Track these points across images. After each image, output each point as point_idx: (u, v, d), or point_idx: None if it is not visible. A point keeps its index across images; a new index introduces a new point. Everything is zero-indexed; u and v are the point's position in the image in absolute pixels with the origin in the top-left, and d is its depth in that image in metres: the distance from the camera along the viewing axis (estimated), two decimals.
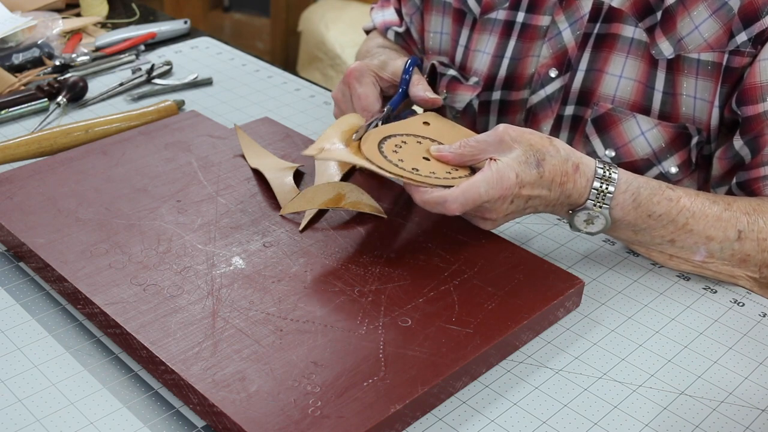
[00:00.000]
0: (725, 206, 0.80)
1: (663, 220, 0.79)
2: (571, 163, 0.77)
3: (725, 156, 0.88)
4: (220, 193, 0.87)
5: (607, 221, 0.79)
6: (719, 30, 0.85)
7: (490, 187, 0.75)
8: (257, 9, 3.24)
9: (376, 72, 0.93)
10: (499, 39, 0.99)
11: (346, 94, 0.94)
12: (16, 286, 0.78)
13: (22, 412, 0.65)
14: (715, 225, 0.79)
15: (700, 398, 0.70)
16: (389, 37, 1.13)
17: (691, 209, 0.79)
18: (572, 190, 0.78)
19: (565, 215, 0.81)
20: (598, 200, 0.78)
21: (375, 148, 0.80)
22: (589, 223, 0.79)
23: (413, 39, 1.11)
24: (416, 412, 0.65)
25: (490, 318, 0.72)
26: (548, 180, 0.77)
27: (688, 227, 0.79)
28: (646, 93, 0.91)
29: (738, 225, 0.79)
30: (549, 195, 0.78)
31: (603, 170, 0.78)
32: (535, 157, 0.76)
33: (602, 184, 0.77)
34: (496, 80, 1.00)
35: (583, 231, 0.80)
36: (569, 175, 0.77)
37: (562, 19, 0.94)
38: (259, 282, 0.75)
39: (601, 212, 0.78)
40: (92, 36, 1.31)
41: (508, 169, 0.75)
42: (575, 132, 0.97)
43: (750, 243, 0.79)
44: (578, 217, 0.79)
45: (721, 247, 0.79)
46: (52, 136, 0.99)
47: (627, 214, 0.78)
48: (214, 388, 0.63)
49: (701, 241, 0.79)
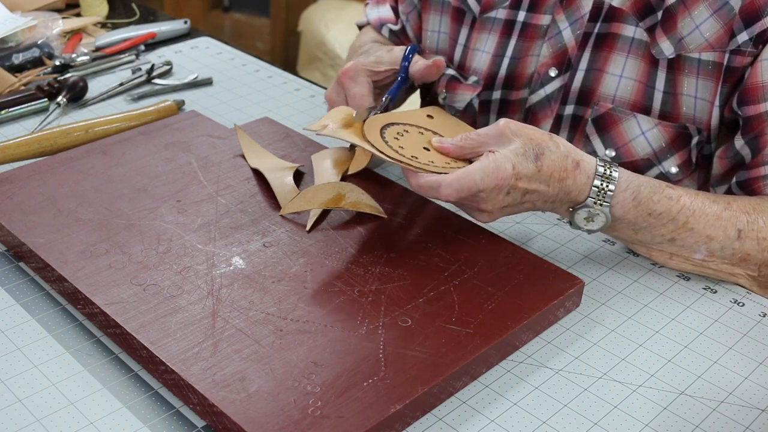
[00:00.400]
0: (725, 205, 0.80)
1: (663, 219, 0.79)
2: (570, 159, 0.77)
3: (726, 155, 0.88)
4: (220, 193, 0.87)
5: (608, 219, 0.79)
6: (720, 30, 0.85)
7: (486, 176, 0.75)
8: (257, 9, 3.24)
9: (371, 69, 0.93)
10: (500, 38, 0.99)
11: (341, 94, 0.94)
12: (16, 286, 0.78)
13: (22, 412, 0.65)
14: (716, 224, 0.79)
15: (700, 398, 0.70)
16: (383, 33, 1.13)
17: (691, 208, 0.79)
18: (572, 186, 0.78)
19: (565, 213, 0.81)
20: (598, 198, 0.78)
21: (377, 133, 0.81)
22: (589, 220, 0.79)
23: (408, 37, 1.11)
24: (416, 412, 0.65)
25: (490, 318, 0.72)
26: (546, 175, 0.77)
27: (689, 226, 0.79)
28: (647, 93, 0.91)
29: (738, 224, 0.79)
30: (547, 190, 0.78)
31: (604, 168, 0.78)
32: (534, 151, 0.76)
33: (603, 182, 0.77)
34: (497, 79, 1.00)
35: (583, 229, 0.80)
36: (569, 171, 0.77)
37: (562, 18, 0.94)
38: (259, 282, 0.75)
39: (601, 210, 0.78)
40: (92, 36, 1.31)
41: (505, 160, 0.75)
42: (575, 132, 0.97)
43: (750, 242, 0.79)
44: (578, 214, 0.79)
45: (721, 246, 0.80)
46: (52, 136, 0.99)
47: (627, 213, 0.78)
48: (214, 388, 0.63)
49: (701, 240, 0.79)
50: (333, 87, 0.95)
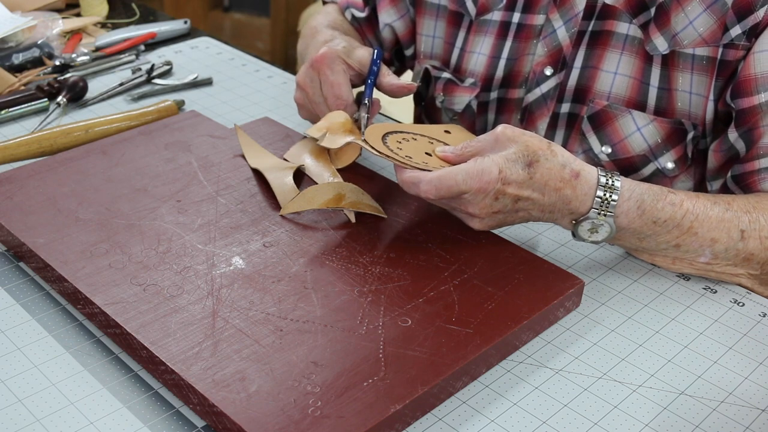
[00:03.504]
0: (726, 206, 0.80)
1: (668, 226, 0.78)
2: (569, 169, 0.76)
3: (720, 149, 0.88)
4: (220, 193, 0.87)
5: (612, 229, 0.78)
6: (713, 24, 0.85)
7: (469, 178, 0.74)
8: (257, 9, 3.24)
9: (345, 59, 0.92)
10: (496, 40, 0.99)
11: (315, 80, 0.92)
12: (16, 286, 0.78)
13: (22, 412, 0.65)
14: (719, 226, 0.79)
15: (700, 398, 0.70)
16: (347, 16, 1.12)
17: (694, 212, 0.78)
18: (572, 197, 0.76)
19: (568, 225, 0.80)
20: (602, 209, 0.76)
21: (379, 138, 0.81)
22: (594, 231, 0.78)
23: (371, 28, 1.11)
24: (416, 412, 0.65)
25: (490, 318, 0.72)
26: (540, 183, 0.76)
27: (693, 230, 0.78)
28: (642, 89, 0.91)
29: (740, 224, 0.79)
30: (542, 199, 0.77)
31: (606, 178, 0.77)
32: (527, 158, 0.75)
33: (606, 193, 0.76)
34: (494, 80, 1.00)
35: (587, 240, 0.79)
36: (566, 181, 0.76)
37: (556, 17, 0.94)
38: (259, 282, 0.75)
39: (605, 221, 0.77)
40: (92, 36, 1.31)
41: (492, 164, 0.75)
42: (571, 129, 0.97)
43: (753, 242, 0.79)
44: (582, 226, 0.78)
45: (725, 248, 0.79)
46: (52, 136, 0.99)
47: (632, 222, 0.77)
48: (214, 388, 0.63)
49: (706, 243, 0.79)
50: (305, 71, 0.93)
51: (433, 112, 1.11)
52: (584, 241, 0.79)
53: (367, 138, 0.81)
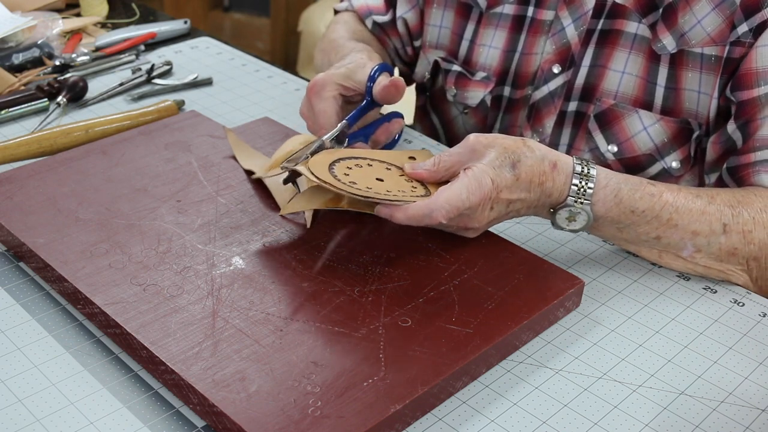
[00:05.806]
0: (709, 200, 0.79)
1: (647, 216, 0.78)
2: (548, 161, 0.76)
3: (718, 141, 0.89)
4: (220, 193, 0.87)
5: (590, 217, 0.78)
6: (722, 24, 0.85)
7: (471, 193, 0.74)
8: (257, 9, 3.24)
9: (341, 83, 0.89)
10: (510, 33, 0.99)
11: (310, 108, 0.90)
12: (16, 286, 0.78)
13: (22, 412, 0.65)
14: (700, 219, 0.78)
15: (700, 398, 0.70)
16: (367, 24, 1.10)
17: (674, 204, 0.78)
18: (552, 189, 0.77)
19: (546, 215, 0.80)
20: (578, 196, 0.77)
21: (326, 165, 0.77)
22: (571, 220, 0.78)
23: (396, 30, 1.09)
24: (416, 412, 0.65)
25: (490, 318, 0.72)
26: (525, 181, 0.76)
27: (672, 222, 0.78)
28: (649, 88, 0.91)
29: (723, 218, 0.79)
30: (529, 197, 0.77)
31: (581, 167, 0.77)
32: (509, 160, 0.75)
33: (582, 180, 0.76)
34: (508, 75, 1.00)
35: (566, 229, 0.79)
36: (547, 174, 0.76)
37: (565, 14, 0.94)
38: (259, 282, 0.75)
39: (582, 208, 0.77)
40: (92, 36, 1.31)
41: (484, 175, 0.74)
42: (578, 128, 0.97)
43: (736, 235, 0.79)
44: (560, 215, 0.78)
45: (707, 242, 0.79)
46: (52, 136, 0.99)
47: (609, 211, 0.78)
48: (214, 388, 0.63)
49: (687, 236, 0.79)
50: (304, 101, 0.91)
51: (440, 103, 1.11)
52: (563, 229, 0.79)
53: (311, 165, 0.76)
